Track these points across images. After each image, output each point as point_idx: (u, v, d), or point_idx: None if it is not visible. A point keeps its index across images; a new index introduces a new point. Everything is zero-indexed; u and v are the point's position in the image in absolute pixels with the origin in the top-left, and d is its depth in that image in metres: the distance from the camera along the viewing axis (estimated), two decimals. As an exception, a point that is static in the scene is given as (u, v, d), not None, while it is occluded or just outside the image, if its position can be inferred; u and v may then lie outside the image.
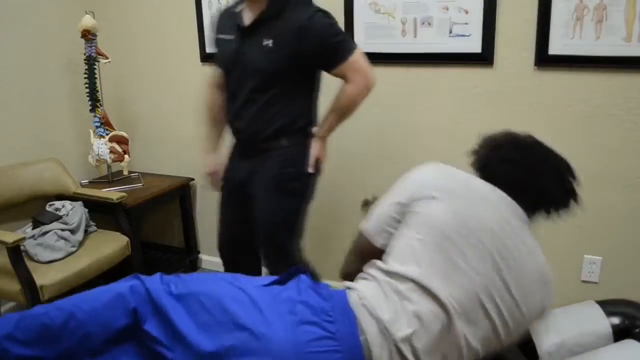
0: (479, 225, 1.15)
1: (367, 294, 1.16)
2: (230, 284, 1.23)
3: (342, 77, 1.78)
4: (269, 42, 1.70)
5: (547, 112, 2.04)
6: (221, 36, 1.81)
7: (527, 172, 1.25)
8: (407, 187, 1.26)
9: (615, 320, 1.41)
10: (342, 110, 1.83)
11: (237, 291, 1.19)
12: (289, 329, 1.09)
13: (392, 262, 1.19)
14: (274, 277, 1.27)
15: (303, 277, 1.26)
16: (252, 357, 1.06)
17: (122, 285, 1.21)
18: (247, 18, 1.73)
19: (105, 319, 1.17)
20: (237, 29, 1.75)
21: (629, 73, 1.88)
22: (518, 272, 1.15)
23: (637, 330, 1.36)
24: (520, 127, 2.08)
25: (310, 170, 1.86)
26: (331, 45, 1.74)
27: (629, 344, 1.33)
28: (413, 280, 1.13)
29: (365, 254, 1.29)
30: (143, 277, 1.23)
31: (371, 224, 1.30)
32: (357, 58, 1.76)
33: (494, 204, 1.20)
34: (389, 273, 1.17)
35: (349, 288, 1.22)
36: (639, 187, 1.97)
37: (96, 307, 1.18)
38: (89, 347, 1.16)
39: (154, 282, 1.22)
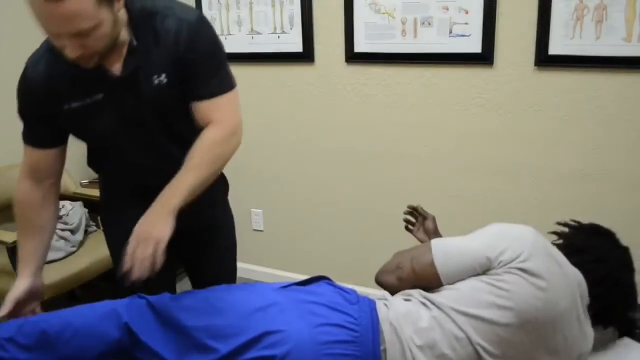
0: (553, 319, 1.14)
1: (401, 311, 1.16)
2: (244, 289, 1.24)
3: (204, 118, 1.30)
4: (161, 78, 1.26)
5: (547, 112, 2.04)
6: (77, 104, 1.33)
7: (611, 275, 1.25)
8: (501, 243, 1.19)
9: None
10: (205, 166, 1.27)
11: (254, 294, 1.21)
12: (309, 328, 1.10)
13: (460, 305, 1.15)
14: (293, 281, 1.28)
15: (326, 281, 1.27)
16: (270, 349, 1.07)
17: (121, 301, 1.23)
18: (115, 67, 1.26)
19: (97, 331, 1.18)
20: (107, 83, 1.27)
21: (629, 73, 1.88)
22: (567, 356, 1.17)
23: (638, 330, 1.36)
24: (520, 127, 2.10)
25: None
26: (214, 67, 1.30)
27: (628, 343, 1.34)
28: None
29: (420, 280, 1.24)
30: (148, 296, 1.24)
31: (450, 267, 1.21)
32: (233, 98, 1.33)
33: (573, 290, 1.18)
34: (453, 310, 1.15)
35: (380, 299, 1.22)
36: (639, 187, 1.97)
37: (91, 319, 1.20)
38: (84, 358, 1.17)
39: (159, 296, 1.23)
